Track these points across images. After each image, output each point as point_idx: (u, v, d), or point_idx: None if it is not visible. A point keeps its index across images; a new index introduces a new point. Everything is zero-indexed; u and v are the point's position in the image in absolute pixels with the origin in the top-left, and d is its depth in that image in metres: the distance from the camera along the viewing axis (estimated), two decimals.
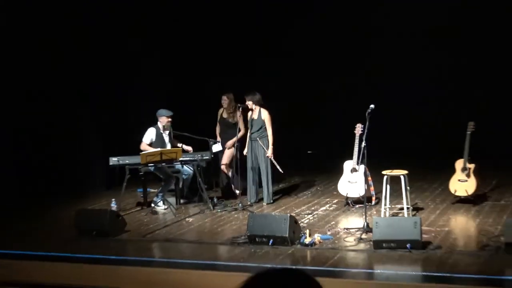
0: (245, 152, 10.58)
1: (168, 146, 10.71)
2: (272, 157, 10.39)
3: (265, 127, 10.44)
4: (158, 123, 10.75)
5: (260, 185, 10.67)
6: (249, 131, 10.57)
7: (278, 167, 10.38)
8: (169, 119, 10.72)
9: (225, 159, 11.03)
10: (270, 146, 10.39)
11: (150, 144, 10.59)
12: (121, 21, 13.17)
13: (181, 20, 14.77)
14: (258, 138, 10.45)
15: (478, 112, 11.53)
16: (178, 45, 14.61)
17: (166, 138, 10.79)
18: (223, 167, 10.98)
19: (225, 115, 11.25)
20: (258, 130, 10.45)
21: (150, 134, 10.65)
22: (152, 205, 10.59)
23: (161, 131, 10.73)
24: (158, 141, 10.68)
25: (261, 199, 10.65)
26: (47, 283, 5.85)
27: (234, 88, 11.54)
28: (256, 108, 10.49)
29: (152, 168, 10.45)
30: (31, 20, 11.77)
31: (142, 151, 10.30)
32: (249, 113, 10.58)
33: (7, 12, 11.35)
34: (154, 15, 14.23)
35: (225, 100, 11.19)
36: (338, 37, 14.24)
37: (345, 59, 14.13)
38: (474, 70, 13.42)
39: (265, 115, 10.47)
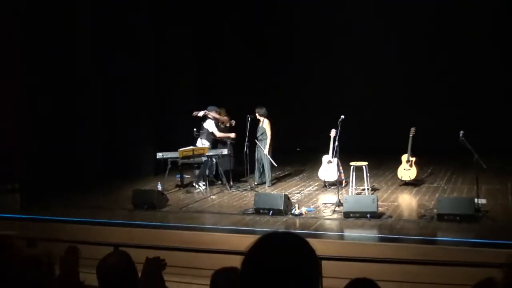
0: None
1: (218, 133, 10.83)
2: (268, 155, 10.32)
3: (266, 133, 10.42)
4: (212, 116, 10.74)
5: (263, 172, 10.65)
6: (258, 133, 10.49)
7: (272, 162, 10.37)
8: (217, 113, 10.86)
9: None
10: (267, 147, 10.35)
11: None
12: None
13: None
14: (257, 141, 10.42)
15: (418, 116, 11.51)
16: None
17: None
18: None
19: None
20: (261, 135, 10.42)
21: (214, 125, 10.71)
22: (194, 185, 10.57)
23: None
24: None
25: (264, 183, 10.58)
26: (112, 242, 5.89)
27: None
28: (261, 119, 10.47)
29: (186, 161, 10.46)
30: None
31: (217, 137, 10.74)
32: (258, 122, 10.50)
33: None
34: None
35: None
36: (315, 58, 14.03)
37: (323, 77, 13.92)
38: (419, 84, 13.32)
39: (266, 124, 10.42)
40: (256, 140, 10.44)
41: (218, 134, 10.78)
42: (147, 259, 3.49)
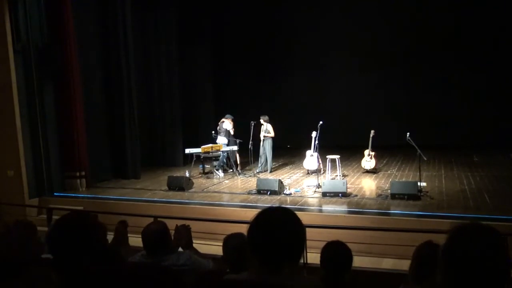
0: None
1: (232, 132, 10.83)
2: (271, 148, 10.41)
3: (270, 133, 10.39)
4: (228, 121, 10.71)
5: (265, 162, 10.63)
6: (262, 133, 10.42)
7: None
8: (230, 120, 10.82)
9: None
10: (271, 142, 10.39)
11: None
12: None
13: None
14: (263, 138, 10.40)
15: (376, 122, 11.45)
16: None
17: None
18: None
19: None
20: (265, 135, 10.41)
21: (230, 126, 10.71)
22: (213, 172, 10.53)
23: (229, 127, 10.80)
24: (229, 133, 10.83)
25: (265, 170, 10.56)
26: (152, 214, 5.91)
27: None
28: (265, 123, 10.44)
29: (207, 155, 10.46)
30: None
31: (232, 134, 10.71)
32: (262, 126, 10.44)
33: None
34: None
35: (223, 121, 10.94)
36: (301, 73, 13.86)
37: (308, 92, 13.74)
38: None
39: (270, 127, 10.41)
40: (262, 139, 10.39)
41: (232, 132, 10.80)
42: (177, 226, 3.51)
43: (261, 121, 10.42)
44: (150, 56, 12.01)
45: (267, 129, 10.40)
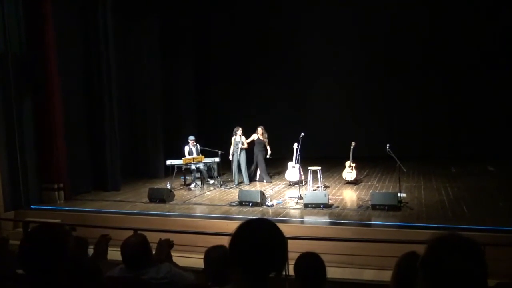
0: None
1: (195, 155, 10.46)
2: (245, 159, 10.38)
3: (243, 143, 10.32)
4: (189, 143, 10.52)
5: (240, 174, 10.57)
6: (238, 145, 10.37)
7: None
8: (193, 141, 10.50)
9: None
10: (244, 153, 10.34)
11: (189, 154, 10.43)
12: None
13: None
14: (237, 151, 10.26)
15: (357, 134, 11.52)
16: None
17: (194, 151, 10.52)
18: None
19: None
20: (239, 146, 10.29)
21: (186, 150, 10.48)
22: (193, 184, 10.41)
23: (191, 147, 10.54)
24: (191, 153, 10.49)
25: (242, 182, 10.52)
26: (132, 227, 5.79)
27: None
28: (239, 135, 10.36)
29: (188, 166, 10.36)
30: None
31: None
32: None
33: None
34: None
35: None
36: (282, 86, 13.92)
37: (290, 104, 13.82)
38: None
39: (243, 139, 10.35)
40: (236, 150, 10.32)
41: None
42: (160, 239, 3.45)
43: (235, 132, 10.33)
44: (132, 67, 11.91)
45: (241, 141, 10.34)
